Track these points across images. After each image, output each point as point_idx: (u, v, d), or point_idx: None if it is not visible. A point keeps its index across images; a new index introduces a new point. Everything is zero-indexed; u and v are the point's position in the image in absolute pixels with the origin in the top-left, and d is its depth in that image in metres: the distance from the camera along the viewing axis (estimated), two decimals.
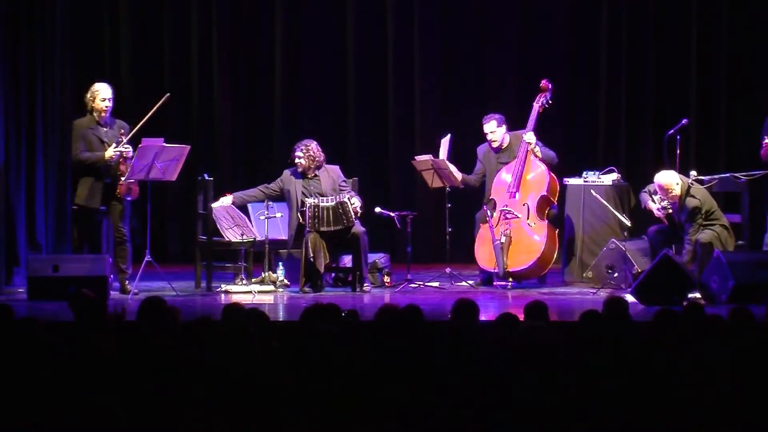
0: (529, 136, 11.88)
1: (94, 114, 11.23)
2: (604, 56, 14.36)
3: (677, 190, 11.15)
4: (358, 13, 14.63)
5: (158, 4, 14.62)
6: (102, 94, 11.22)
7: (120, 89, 13.01)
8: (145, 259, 11.02)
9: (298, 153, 11.72)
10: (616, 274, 11.46)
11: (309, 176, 11.75)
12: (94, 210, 11.26)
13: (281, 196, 11.80)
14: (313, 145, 11.76)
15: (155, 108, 11.34)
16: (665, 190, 11.18)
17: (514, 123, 12.19)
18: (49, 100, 12.87)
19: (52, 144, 12.92)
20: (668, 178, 11.20)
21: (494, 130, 12.01)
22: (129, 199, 11.22)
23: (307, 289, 11.38)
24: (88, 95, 11.26)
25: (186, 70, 14.64)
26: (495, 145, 12.06)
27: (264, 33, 14.70)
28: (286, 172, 11.82)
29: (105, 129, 11.23)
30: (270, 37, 14.68)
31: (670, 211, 11.21)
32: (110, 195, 11.22)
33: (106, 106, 11.22)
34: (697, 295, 10.49)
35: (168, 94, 11.70)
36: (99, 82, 11.42)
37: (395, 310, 6.25)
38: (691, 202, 11.11)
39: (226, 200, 11.64)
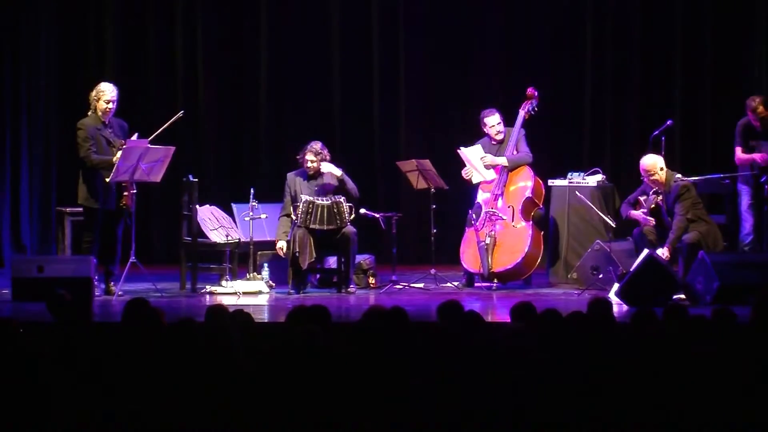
0: (502, 160, 11.89)
1: (99, 113, 11.07)
2: (589, 57, 14.38)
3: (660, 175, 11.13)
4: (344, 15, 14.63)
5: (144, 7, 14.58)
6: (107, 95, 11.05)
7: None
8: (130, 260, 10.94)
9: (310, 157, 11.66)
10: (601, 275, 11.44)
11: (315, 176, 11.71)
12: (98, 210, 11.07)
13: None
14: (320, 147, 11.70)
15: (168, 123, 11.28)
16: (648, 172, 11.15)
17: None
18: (33, 100, 12.87)
19: (37, 145, 12.92)
20: (652, 160, 11.21)
21: (500, 121, 12.02)
22: (133, 209, 11.11)
23: (291, 291, 11.34)
24: (93, 95, 11.07)
25: (171, 71, 14.62)
26: (500, 137, 12.04)
27: (250, 34, 14.70)
28: (290, 176, 11.74)
29: (110, 130, 11.12)
30: (256, 38, 14.68)
31: (660, 199, 11.12)
32: (111, 198, 11.07)
33: (110, 108, 11.09)
34: (682, 296, 10.50)
35: (182, 111, 11.67)
36: (104, 82, 11.25)
37: (383, 312, 6.23)
38: (679, 185, 11.07)
39: (281, 244, 11.54)
